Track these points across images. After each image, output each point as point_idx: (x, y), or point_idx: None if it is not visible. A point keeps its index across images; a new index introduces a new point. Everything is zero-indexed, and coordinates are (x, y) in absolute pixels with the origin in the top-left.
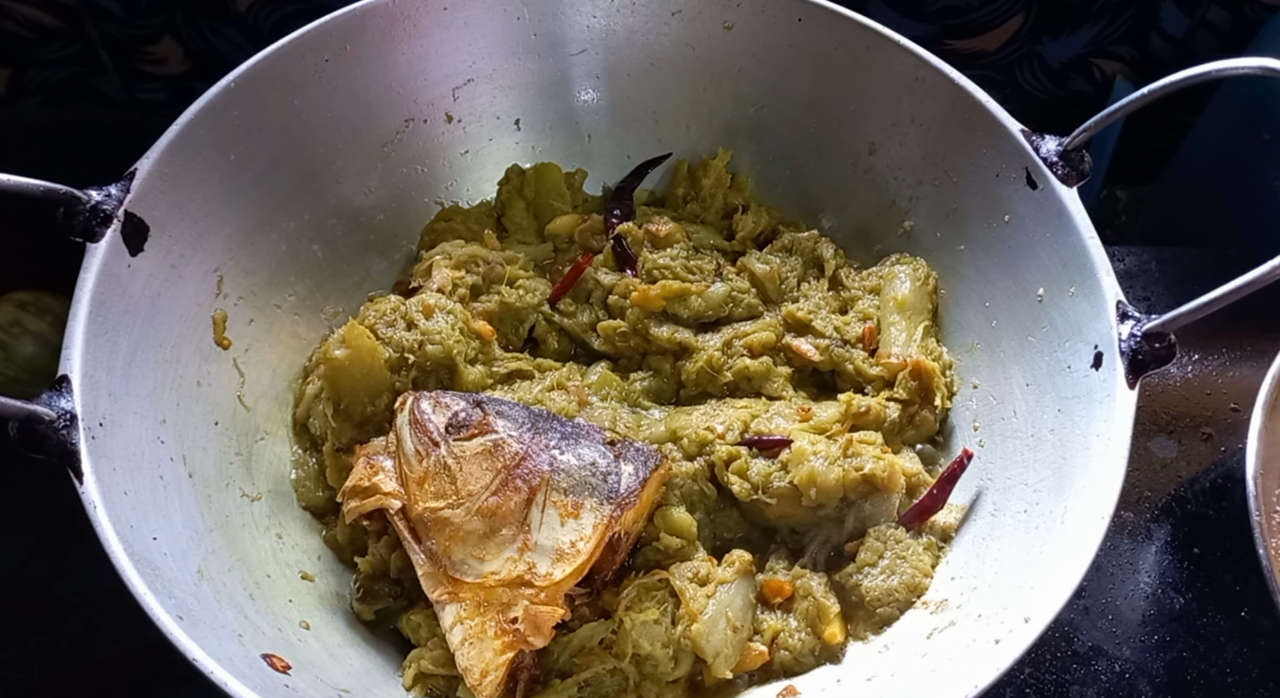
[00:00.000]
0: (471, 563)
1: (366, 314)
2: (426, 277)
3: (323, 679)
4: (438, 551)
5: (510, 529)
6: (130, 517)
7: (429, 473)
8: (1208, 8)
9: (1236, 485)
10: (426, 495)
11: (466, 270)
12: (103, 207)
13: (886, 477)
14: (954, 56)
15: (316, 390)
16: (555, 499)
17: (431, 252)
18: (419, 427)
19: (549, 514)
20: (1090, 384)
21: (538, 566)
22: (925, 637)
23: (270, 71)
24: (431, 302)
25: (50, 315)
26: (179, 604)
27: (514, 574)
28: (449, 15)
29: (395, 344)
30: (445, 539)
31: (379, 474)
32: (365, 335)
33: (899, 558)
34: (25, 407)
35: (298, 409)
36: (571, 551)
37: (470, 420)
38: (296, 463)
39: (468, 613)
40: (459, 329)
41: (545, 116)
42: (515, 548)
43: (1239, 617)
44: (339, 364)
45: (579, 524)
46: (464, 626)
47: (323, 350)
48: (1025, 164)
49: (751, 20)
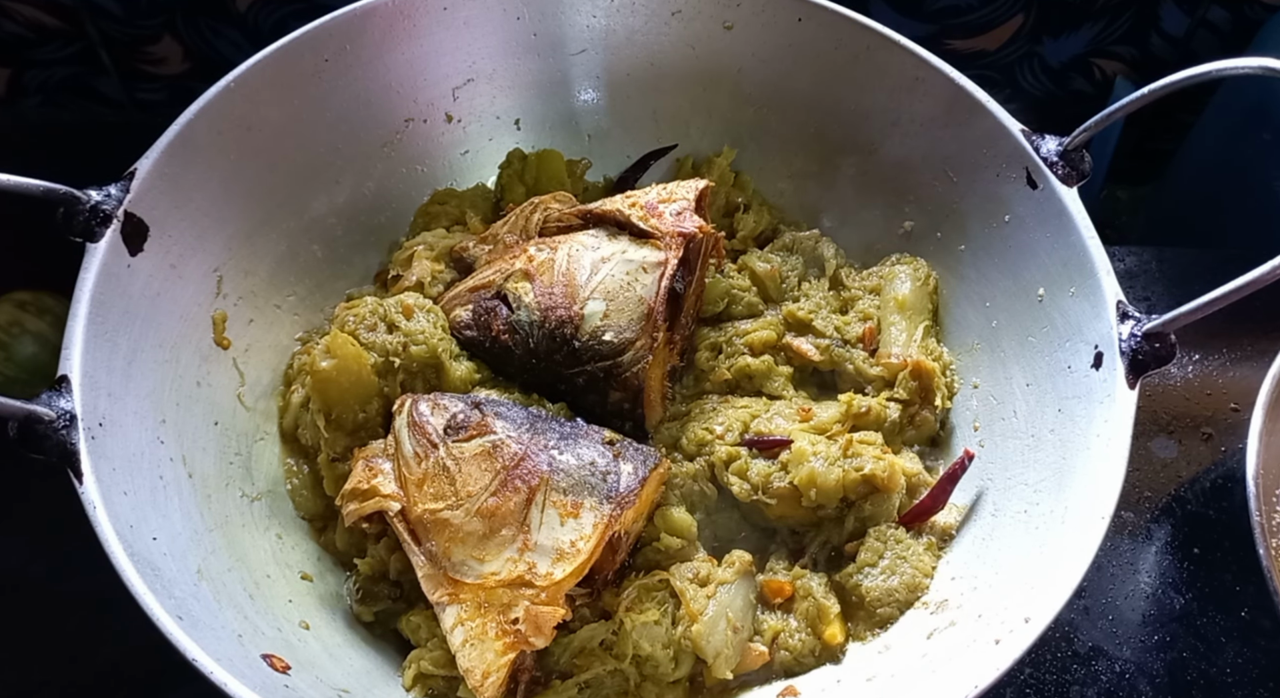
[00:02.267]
0: (471, 564)
1: (345, 318)
2: (406, 266)
3: (322, 680)
4: (438, 552)
5: (510, 530)
6: (130, 517)
7: (428, 475)
8: (1208, 8)
9: (1237, 486)
10: (426, 497)
11: (446, 264)
12: (102, 206)
13: (886, 477)
14: (954, 56)
15: (302, 399)
16: (555, 499)
17: (413, 241)
18: (417, 429)
19: (549, 514)
20: (1090, 384)
21: (538, 565)
22: (925, 637)
23: (270, 71)
24: (410, 302)
25: (50, 315)
26: (179, 605)
27: (514, 575)
28: (449, 15)
29: (379, 349)
30: (445, 541)
31: (378, 477)
32: (349, 343)
33: (899, 558)
34: (25, 407)
35: (284, 420)
36: (572, 550)
37: (469, 422)
38: (289, 473)
39: (468, 614)
40: (441, 327)
41: (545, 116)
42: (515, 548)
43: (1239, 617)
44: (326, 375)
45: (579, 524)
46: (465, 627)
47: (307, 361)
48: (1025, 164)
49: (752, 20)
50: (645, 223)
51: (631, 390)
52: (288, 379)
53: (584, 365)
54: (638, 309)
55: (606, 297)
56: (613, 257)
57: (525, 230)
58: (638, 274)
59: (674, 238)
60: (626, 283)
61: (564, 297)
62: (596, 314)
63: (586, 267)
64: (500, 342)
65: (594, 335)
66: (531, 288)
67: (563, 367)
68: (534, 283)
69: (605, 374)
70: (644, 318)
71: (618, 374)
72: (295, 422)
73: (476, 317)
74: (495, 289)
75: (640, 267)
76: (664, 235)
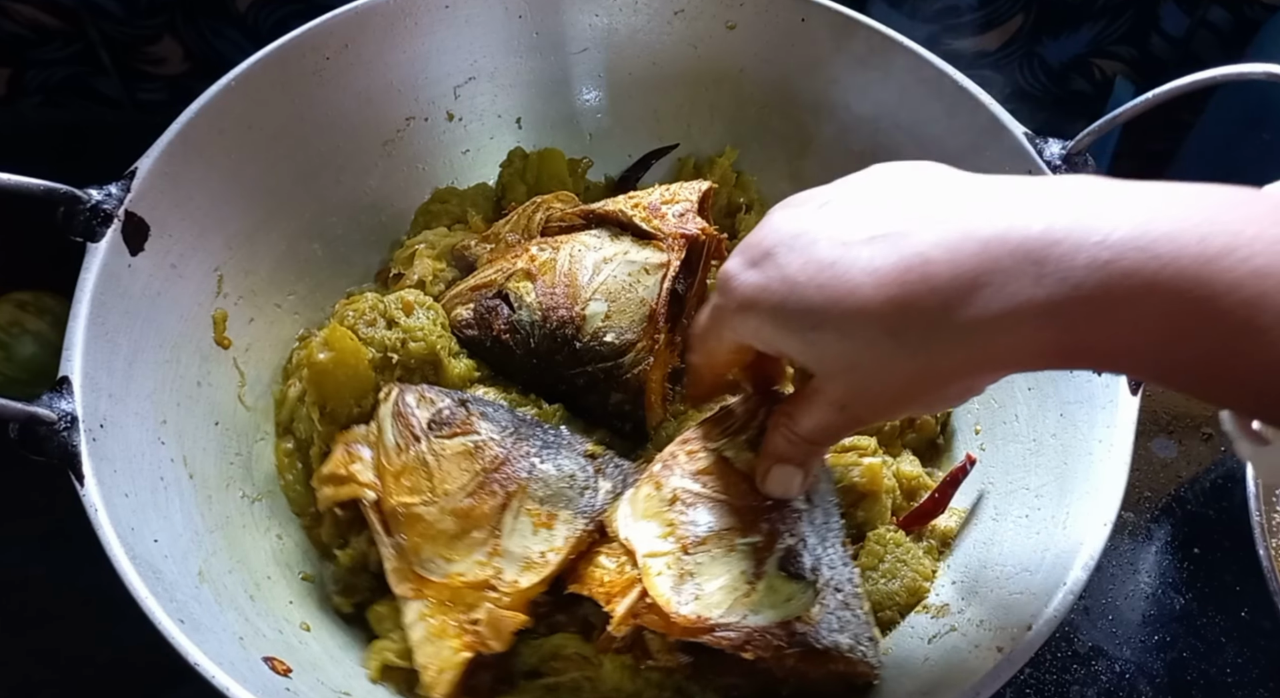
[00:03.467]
0: (439, 562)
1: (345, 314)
2: (408, 265)
3: (323, 682)
4: (407, 546)
5: (482, 532)
6: (131, 519)
7: (406, 467)
8: (1208, 8)
9: (1237, 486)
10: (402, 490)
11: (448, 262)
12: (103, 206)
13: (866, 482)
14: (954, 56)
15: (299, 393)
16: (530, 508)
17: (414, 239)
18: (401, 419)
19: (522, 522)
20: (1092, 389)
21: (505, 572)
22: (927, 642)
23: (271, 70)
24: (411, 298)
25: (50, 315)
26: (180, 607)
27: (480, 577)
28: (450, 13)
29: (377, 344)
30: (416, 536)
31: (356, 463)
32: (348, 337)
33: (899, 562)
34: (26, 409)
35: (280, 413)
36: (540, 560)
37: (454, 419)
38: (283, 467)
39: (430, 611)
40: (441, 324)
41: (546, 115)
42: (485, 552)
43: (1239, 617)
44: (323, 367)
45: (551, 535)
46: (426, 623)
47: (305, 354)
48: (1029, 167)
49: (754, 20)
50: (648, 224)
51: (632, 392)
52: (286, 373)
53: (585, 366)
54: (639, 311)
55: (608, 298)
56: (615, 257)
57: (527, 229)
58: (640, 276)
59: (676, 239)
60: (628, 284)
61: (566, 297)
62: (598, 315)
63: (589, 267)
64: (501, 341)
65: (595, 336)
66: (533, 287)
67: (563, 367)
68: (536, 282)
69: (606, 375)
70: (645, 320)
71: (618, 375)
72: (291, 415)
73: (478, 315)
74: (497, 288)
75: (642, 268)
76: (666, 237)
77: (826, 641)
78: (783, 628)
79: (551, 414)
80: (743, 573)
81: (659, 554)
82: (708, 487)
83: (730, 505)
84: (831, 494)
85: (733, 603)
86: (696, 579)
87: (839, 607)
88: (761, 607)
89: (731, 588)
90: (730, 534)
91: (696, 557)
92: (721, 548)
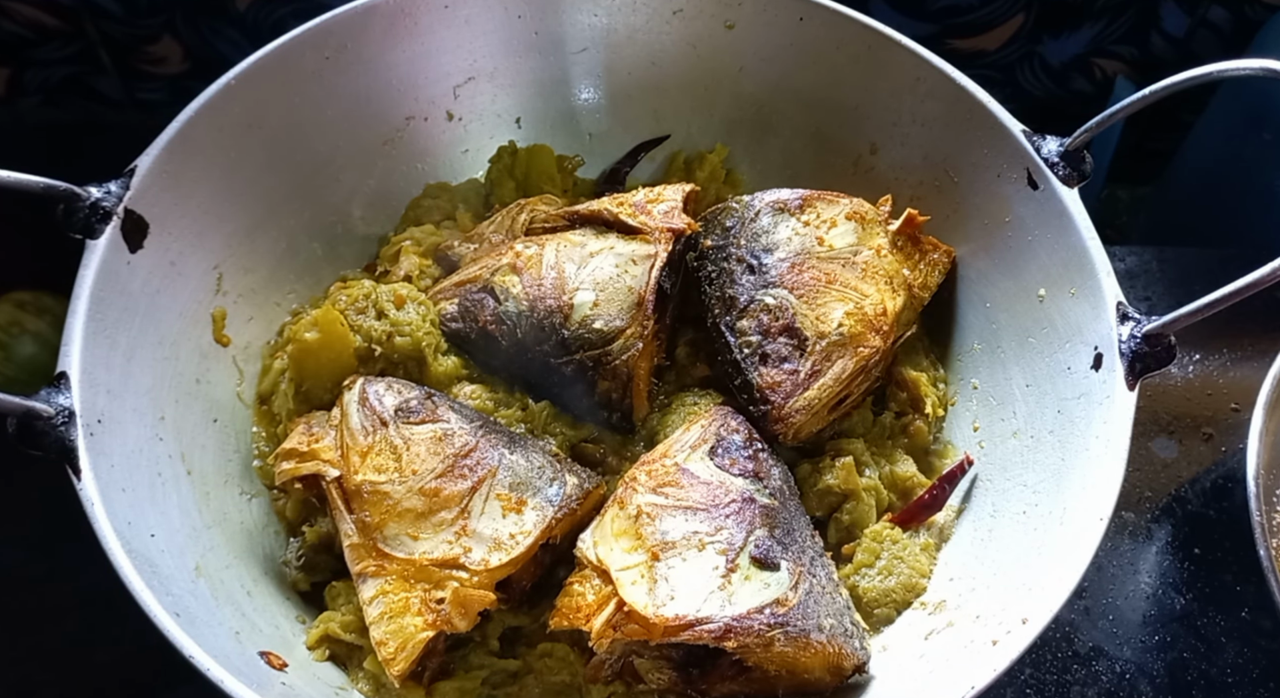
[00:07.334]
0: (405, 540)
1: (338, 298)
2: (394, 262)
3: (318, 677)
4: (370, 523)
5: (450, 513)
6: (128, 514)
7: (373, 446)
8: (1208, 8)
9: (1237, 486)
10: (368, 469)
11: (433, 259)
12: (102, 203)
13: (841, 481)
14: (955, 56)
15: (284, 367)
16: (500, 493)
17: (400, 236)
18: (368, 406)
19: (491, 505)
20: (1090, 385)
21: (473, 551)
22: (923, 638)
23: (271, 69)
24: (404, 292)
25: (49, 315)
26: (176, 602)
27: (448, 556)
28: (450, 13)
29: (365, 333)
30: (381, 513)
31: (319, 441)
32: (339, 321)
33: (896, 559)
34: (24, 403)
35: (262, 383)
36: (510, 542)
37: (421, 409)
38: (257, 438)
39: (392, 587)
40: (430, 320)
41: (546, 115)
42: (453, 532)
43: (1239, 617)
44: (308, 346)
45: (521, 519)
46: (385, 599)
47: (294, 329)
48: (1026, 165)
49: (753, 19)
50: (634, 219)
51: (621, 380)
52: (275, 345)
53: (573, 354)
54: (628, 298)
55: (597, 287)
56: (602, 251)
57: (511, 230)
58: (628, 266)
59: (663, 233)
60: (617, 274)
61: (553, 287)
62: (586, 303)
63: (576, 260)
64: (487, 333)
65: (583, 324)
66: (519, 280)
67: (550, 356)
68: (522, 276)
69: (594, 363)
70: (634, 306)
71: (607, 363)
72: (272, 388)
73: (463, 309)
74: (482, 283)
75: (630, 259)
76: (653, 230)
77: (809, 620)
78: (762, 612)
79: (538, 413)
80: (716, 568)
81: (630, 567)
82: (671, 497)
83: (695, 509)
84: (795, 493)
85: (709, 597)
86: (670, 582)
87: (816, 590)
88: (738, 596)
89: (707, 584)
90: (698, 535)
91: (668, 561)
92: (693, 549)
